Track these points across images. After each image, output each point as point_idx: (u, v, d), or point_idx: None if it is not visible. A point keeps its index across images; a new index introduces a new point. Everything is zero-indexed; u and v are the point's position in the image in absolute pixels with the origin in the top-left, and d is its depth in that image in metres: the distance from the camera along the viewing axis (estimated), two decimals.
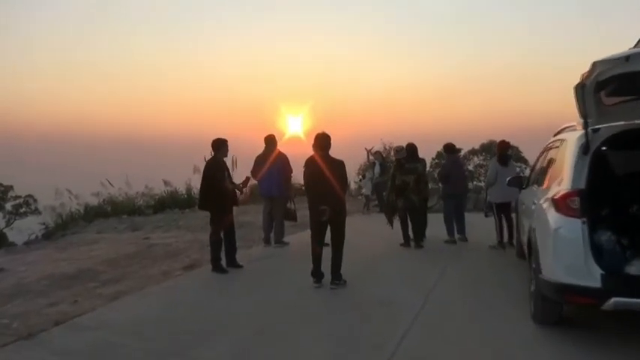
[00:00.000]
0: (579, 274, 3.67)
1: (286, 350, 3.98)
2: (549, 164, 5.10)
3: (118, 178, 14.52)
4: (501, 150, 8.12)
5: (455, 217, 8.48)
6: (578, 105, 3.87)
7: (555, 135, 5.50)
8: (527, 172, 10.63)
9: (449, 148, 8.91)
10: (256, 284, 6.07)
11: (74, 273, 6.67)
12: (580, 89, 3.72)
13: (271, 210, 8.35)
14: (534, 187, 5.59)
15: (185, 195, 14.65)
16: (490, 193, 7.99)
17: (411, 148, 8.32)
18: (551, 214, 3.99)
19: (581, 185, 3.84)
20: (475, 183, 24.29)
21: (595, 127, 4.09)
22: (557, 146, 4.91)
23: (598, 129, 4.10)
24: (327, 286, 5.69)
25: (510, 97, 43.99)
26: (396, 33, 55.43)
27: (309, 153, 5.86)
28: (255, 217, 10.05)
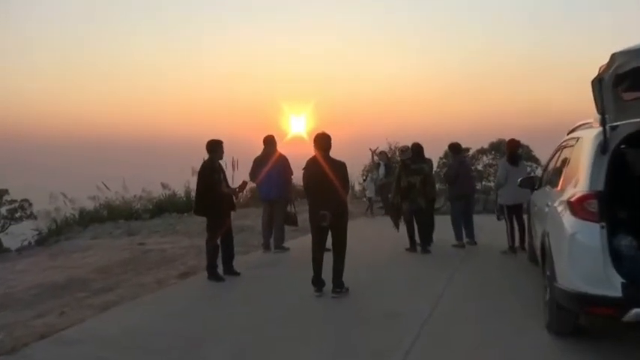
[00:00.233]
0: (598, 282, 3.53)
1: None
2: (563, 164, 4.96)
3: (115, 180, 14.45)
4: (511, 149, 7.97)
5: (463, 219, 8.32)
6: (595, 100, 3.71)
7: (570, 133, 5.36)
8: (538, 172, 10.46)
9: (455, 147, 8.76)
10: (254, 293, 5.94)
11: (64, 282, 6.56)
12: (597, 83, 3.56)
13: (271, 214, 8.21)
14: (547, 188, 5.46)
15: (184, 198, 14.51)
16: (500, 194, 7.83)
17: (417, 147, 8.19)
18: (567, 217, 3.86)
19: (599, 187, 3.70)
20: (484, 183, 24.12)
21: (613, 124, 3.92)
22: (572, 145, 4.76)
23: (617, 126, 3.93)
24: (329, 295, 5.56)
25: (520, 93, 43.63)
26: (402, 29, 55.25)
27: (312, 153, 5.75)
28: (256, 221, 9.94)
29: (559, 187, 4.60)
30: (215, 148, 6.55)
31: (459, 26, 52.92)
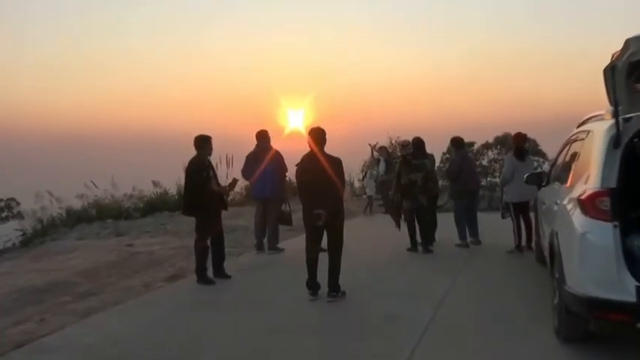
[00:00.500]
0: (610, 286, 3.42)
1: None
2: (573, 159, 4.86)
3: (103, 178, 14.32)
4: (518, 143, 7.87)
5: (467, 218, 8.21)
6: (607, 90, 3.57)
7: (579, 126, 5.26)
8: (545, 168, 10.35)
9: (457, 142, 8.63)
10: (245, 297, 5.83)
11: (46, 286, 6.42)
12: (610, 72, 3.42)
13: (264, 213, 8.09)
14: (556, 184, 5.37)
15: (176, 196, 14.37)
16: (506, 191, 7.72)
17: (418, 142, 8.08)
18: (577, 216, 3.75)
19: (612, 184, 3.58)
20: (489, 179, 24.02)
21: (627, 115, 3.79)
22: (582, 138, 4.66)
23: (630, 118, 3.80)
24: (324, 299, 5.44)
25: (527, 85, 43.46)
26: (405, 18, 54.96)
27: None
28: (250, 220, 9.80)
29: (568, 184, 4.50)
30: (203, 144, 6.42)
31: (463, 17, 52.72)
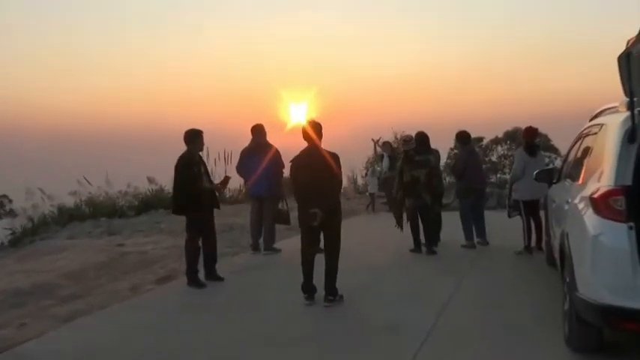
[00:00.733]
0: (626, 293, 3.29)
1: None
2: (585, 154, 4.73)
3: (97, 174, 14.26)
4: (528, 138, 7.71)
5: (473, 217, 8.07)
6: (622, 80, 3.42)
7: (592, 119, 5.12)
8: (557, 164, 10.18)
9: (462, 136, 8.46)
10: (238, 301, 5.71)
11: (29, 288, 6.35)
12: (625, 59, 3.27)
13: (260, 211, 7.97)
14: (567, 182, 5.24)
15: (171, 193, 14.28)
16: (516, 189, 7.56)
17: (422, 137, 7.93)
18: (589, 216, 3.61)
19: (627, 181, 3.45)
20: (499, 175, 23.83)
21: None
22: (595, 132, 4.53)
23: None
24: (321, 303, 5.32)
25: (537, 78, 43.09)
26: (411, 10, 54.61)
27: None
28: (248, 218, 9.68)
29: (580, 181, 4.39)
30: (194, 138, 6.30)
31: (472, 9, 52.31)
